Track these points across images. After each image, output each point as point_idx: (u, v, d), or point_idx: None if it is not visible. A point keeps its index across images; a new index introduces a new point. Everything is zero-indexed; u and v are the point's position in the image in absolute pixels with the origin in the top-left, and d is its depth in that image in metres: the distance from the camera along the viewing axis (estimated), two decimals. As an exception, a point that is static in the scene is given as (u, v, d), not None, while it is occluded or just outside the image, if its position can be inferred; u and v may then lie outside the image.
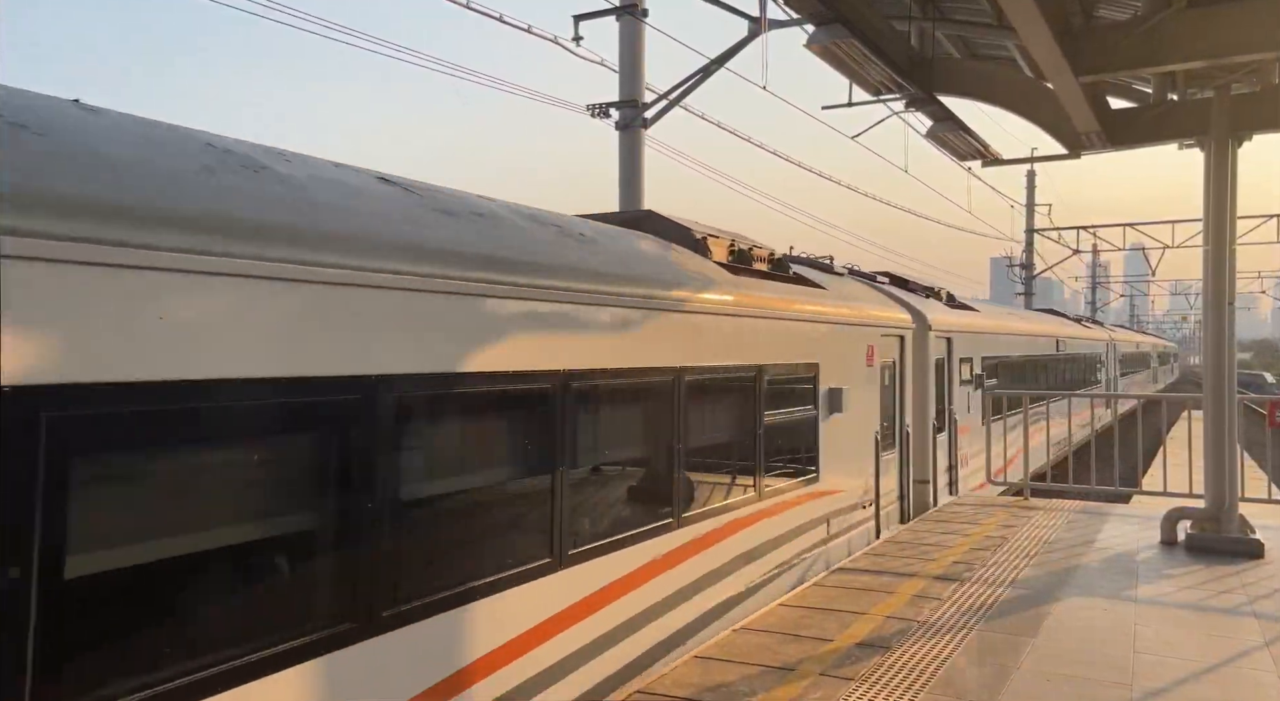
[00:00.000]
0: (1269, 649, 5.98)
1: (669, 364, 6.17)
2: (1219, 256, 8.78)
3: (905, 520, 10.85)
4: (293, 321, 3.49)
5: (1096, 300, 58.00)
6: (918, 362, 11.79)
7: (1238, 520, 8.93)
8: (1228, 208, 8.74)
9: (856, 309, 9.62)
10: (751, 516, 7.34)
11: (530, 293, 4.78)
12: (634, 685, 5.33)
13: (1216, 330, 8.84)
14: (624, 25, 12.61)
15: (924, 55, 9.02)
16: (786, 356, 7.94)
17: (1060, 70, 6.98)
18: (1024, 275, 38.52)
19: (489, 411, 4.55)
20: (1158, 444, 21.02)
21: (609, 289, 5.51)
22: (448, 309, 4.21)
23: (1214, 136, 8.69)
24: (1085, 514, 10.60)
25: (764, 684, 5.31)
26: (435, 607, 4.12)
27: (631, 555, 5.70)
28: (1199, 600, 7.11)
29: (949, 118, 9.44)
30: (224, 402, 3.24)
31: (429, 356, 4.09)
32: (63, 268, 2.77)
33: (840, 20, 7.08)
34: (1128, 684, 5.35)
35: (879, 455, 10.11)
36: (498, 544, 4.56)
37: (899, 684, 5.32)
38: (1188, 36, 7.07)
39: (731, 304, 7.04)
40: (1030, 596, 7.17)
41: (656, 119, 12.96)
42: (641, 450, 5.95)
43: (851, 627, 6.36)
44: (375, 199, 4.22)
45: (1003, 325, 17.15)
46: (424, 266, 4.08)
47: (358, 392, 3.78)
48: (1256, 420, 29.72)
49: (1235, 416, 8.99)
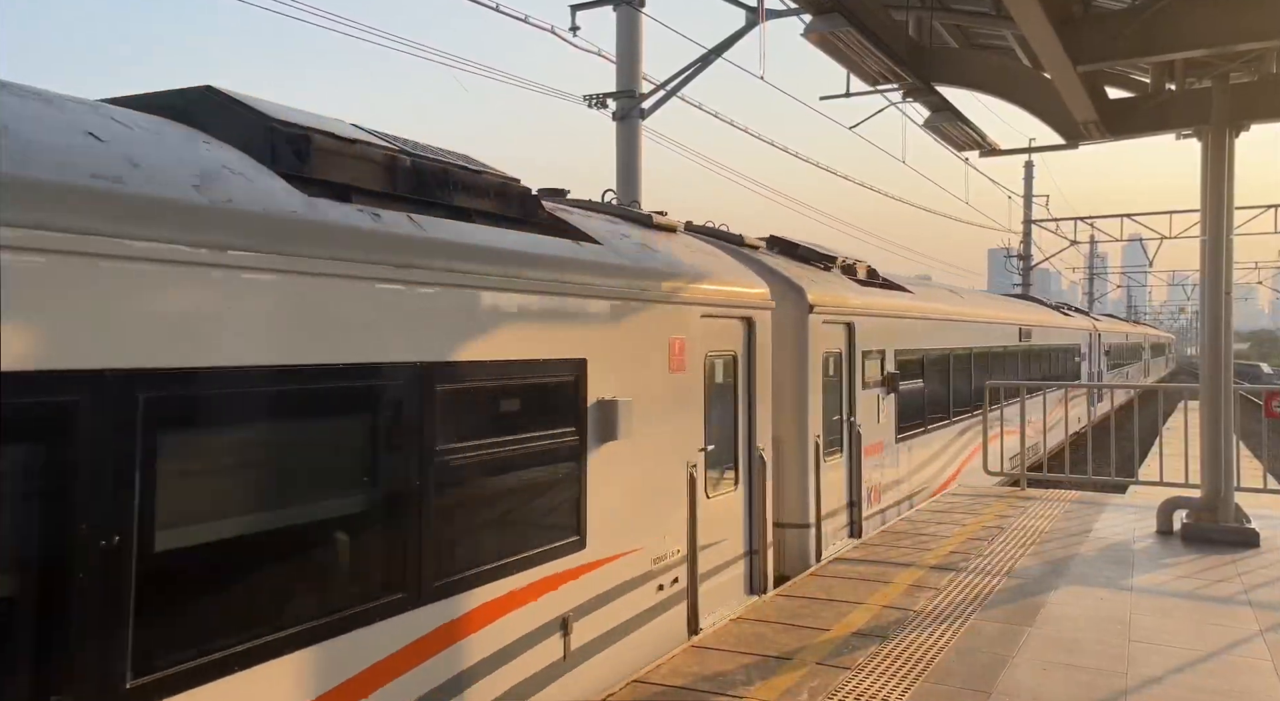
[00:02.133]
0: (1264, 637, 6.01)
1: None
2: (1216, 247, 8.78)
3: (757, 588, 7.27)
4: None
5: (1094, 291, 58.04)
6: (790, 357, 8.73)
7: (1233, 510, 8.96)
8: (1225, 198, 8.73)
9: (652, 276, 6.13)
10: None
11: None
12: (632, 673, 5.35)
13: (1214, 320, 8.85)
14: (621, 15, 12.58)
15: (922, 45, 9.00)
16: (491, 349, 4.59)
17: (1058, 60, 6.96)
18: (1021, 266, 38.52)
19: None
20: (1153, 436, 21.06)
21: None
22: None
23: (1212, 126, 8.69)
24: (1082, 504, 10.63)
25: (761, 673, 5.33)
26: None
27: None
28: (1195, 589, 7.14)
29: (947, 108, 9.42)
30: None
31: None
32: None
33: (838, 9, 7.05)
34: (1123, 672, 5.37)
35: (697, 497, 6.50)
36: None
37: (895, 672, 5.34)
38: (1186, 26, 7.05)
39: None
40: (1027, 586, 7.19)
41: (654, 109, 12.94)
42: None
43: (848, 617, 6.38)
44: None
45: (935, 309, 13.14)
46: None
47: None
48: (1253, 410, 29.79)
49: (1232, 406, 9.01)
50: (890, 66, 8.06)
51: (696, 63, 12.92)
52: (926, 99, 9.29)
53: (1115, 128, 9.05)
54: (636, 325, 5.89)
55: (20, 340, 2.65)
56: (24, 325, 2.66)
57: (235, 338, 3.28)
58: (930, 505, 10.59)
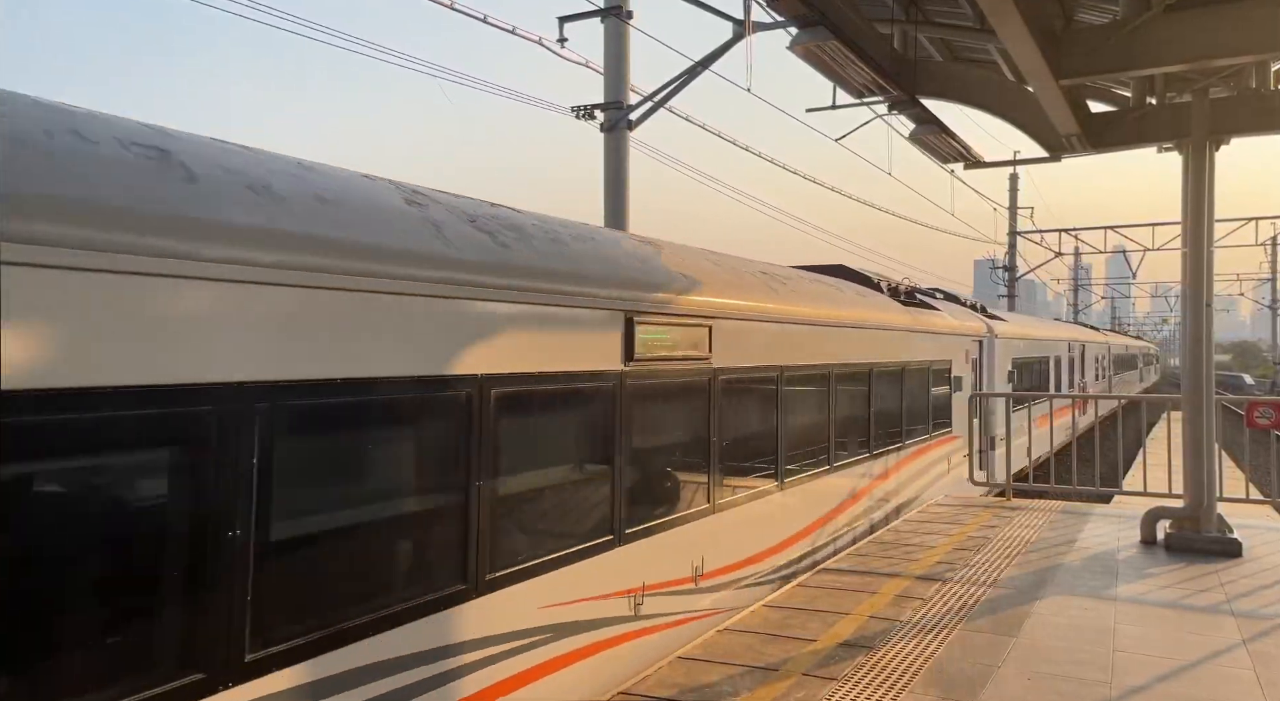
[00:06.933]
0: (1246, 647, 6.05)
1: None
2: (1197, 258, 8.87)
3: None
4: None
5: (1079, 302, 58.44)
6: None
7: (1216, 519, 9.02)
8: (1206, 211, 8.83)
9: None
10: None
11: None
12: (618, 685, 5.33)
13: (1195, 331, 8.93)
14: (609, 27, 12.62)
15: (907, 58, 9.08)
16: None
17: (1041, 73, 7.04)
18: (1007, 277, 38.77)
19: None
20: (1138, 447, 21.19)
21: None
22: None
23: (1192, 140, 8.78)
24: (1067, 514, 10.68)
25: (747, 683, 5.32)
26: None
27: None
28: (1178, 599, 7.18)
29: (931, 120, 9.50)
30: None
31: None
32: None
33: (823, 22, 7.11)
34: (1108, 681, 5.39)
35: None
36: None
37: (882, 683, 5.34)
38: (1167, 40, 7.14)
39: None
40: (1012, 595, 7.21)
41: (641, 121, 12.98)
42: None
43: (835, 627, 6.38)
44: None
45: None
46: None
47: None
48: (1235, 420, 29.99)
49: (1214, 417, 9.08)
50: (875, 79, 8.13)
51: (684, 74, 12.97)
52: (911, 111, 9.37)
53: (1097, 141, 9.14)
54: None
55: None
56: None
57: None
58: (917, 515, 10.62)
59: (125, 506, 2.94)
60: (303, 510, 3.50)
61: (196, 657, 3.08)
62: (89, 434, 2.77)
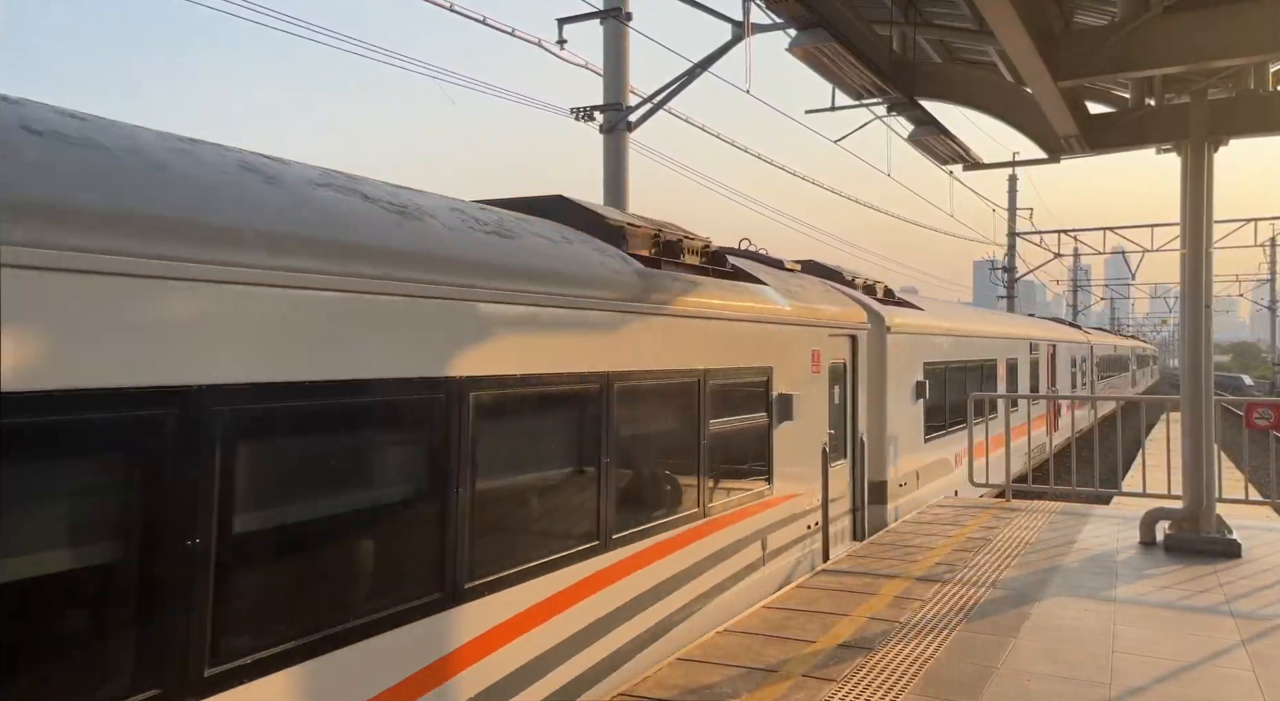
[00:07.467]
0: (1245, 647, 6.05)
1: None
2: (1196, 259, 8.88)
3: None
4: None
5: (1079, 303, 58.46)
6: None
7: (1215, 520, 9.02)
8: (1204, 211, 8.83)
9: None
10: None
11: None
12: (616, 687, 5.33)
13: (1194, 332, 8.94)
14: (608, 29, 12.63)
15: (906, 59, 9.08)
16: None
17: (1040, 75, 7.04)
18: (1006, 278, 38.79)
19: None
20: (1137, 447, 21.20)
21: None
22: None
23: (1191, 141, 8.79)
24: (1066, 515, 10.68)
25: (746, 685, 5.32)
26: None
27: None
28: (1177, 599, 7.18)
29: (930, 122, 9.51)
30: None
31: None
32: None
33: (822, 24, 7.12)
34: (1107, 682, 5.39)
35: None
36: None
37: (881, 684, 5.34)
38: (1165, 42, 7.15)
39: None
40: (1012, 597, 7.22)
41: (641, 122, 12.99)
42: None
43: (834, 629, 6.38)
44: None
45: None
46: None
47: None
48: (1234, 421, 30.02)
49: (1213, 418, 9.09)
50: (874, 81, 8.13)
51: (683, 76, 12.98)
52: (910, 113, 9.38)
53: (1096, 142, 9.15)
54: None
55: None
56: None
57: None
58: (915, 516, 10.62)
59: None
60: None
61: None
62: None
